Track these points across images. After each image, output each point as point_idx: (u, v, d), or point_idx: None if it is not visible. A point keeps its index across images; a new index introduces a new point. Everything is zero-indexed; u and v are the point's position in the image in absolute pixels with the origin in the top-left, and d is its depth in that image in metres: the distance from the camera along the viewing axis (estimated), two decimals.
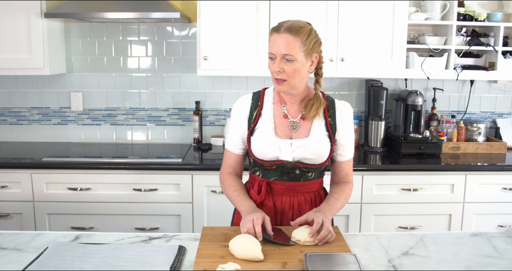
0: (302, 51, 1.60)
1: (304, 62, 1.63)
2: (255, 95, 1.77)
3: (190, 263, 1.40)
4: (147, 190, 2.67)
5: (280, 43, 1.59)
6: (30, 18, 2.78)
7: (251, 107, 1.75)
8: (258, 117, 1.73)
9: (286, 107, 1.74)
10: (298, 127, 1.72)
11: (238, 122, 1.76)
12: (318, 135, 1.71)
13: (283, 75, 1.62)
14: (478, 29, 3.07)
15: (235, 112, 1.78)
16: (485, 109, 3.32)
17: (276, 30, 1.62)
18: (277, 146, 1.68)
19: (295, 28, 1.60)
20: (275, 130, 1.70)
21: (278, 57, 1.60)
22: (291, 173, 1.72)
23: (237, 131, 1.76)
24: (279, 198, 1.73)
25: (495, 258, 1.45)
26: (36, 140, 3.28)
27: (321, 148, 1.70)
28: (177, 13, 2.67)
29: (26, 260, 1.40)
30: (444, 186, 2.72)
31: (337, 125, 1.75)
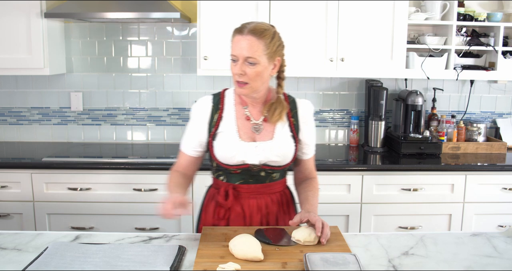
0: (265, 54, 1.58)
1: (266, 65, 1.60)
2: (215, 97, 1.74)
3: (190, 263, 1.40)
4: (147, 190, 2.67)
5: (243, 45, 1.57)
6: (30, 18, 2.78)
7: (212, 110, 1.70)
8: (220, 120, 1.69)
9: (248, 109, 1.71)
10: (261, 129, 1.69)
11: (197, 125, 1.71)
12: (282, 137, 1.69)
13: (245, 78, 1.59)
14: (478, 29, 3.07)
15: (194, 115, 1.73)
16: (485, 109, 3.32)
17: (239, 31, 1.60)
18: (242, 149, 1.65)
19: (259, 30, 1.58)
20: (238, 134, 1.67)
21: (240, 60, 1.57)
22: (256, 176, 1.70)
23: (195, 134, 1.72)
24: (246, 201, 1.71)
25: (495, 258, 1.45)
26: (36, 140, 3.28)
27: (286, 149, 1.69)
28: (177, 13, 2.67)
29: (26, 260, 1.40)
30: (444, 186, 2.72)
31: (300, 125, 1.74)
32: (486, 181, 2.73)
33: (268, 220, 1.74)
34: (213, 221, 1.74)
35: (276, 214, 1.75)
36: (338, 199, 2.69)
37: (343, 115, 3.29)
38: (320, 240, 1.52)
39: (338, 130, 3.31)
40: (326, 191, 2.69)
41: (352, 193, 2.69)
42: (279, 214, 1.75)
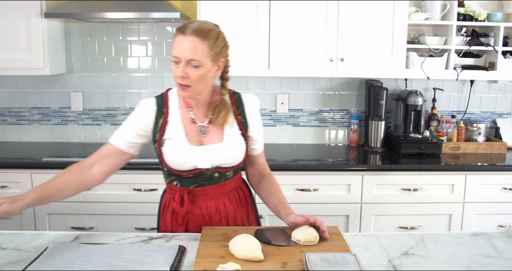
0: (209, 56, 1.51)
1: (210, 68, 1.54)
2: (159, 100, 1.66)
3: (190, 263, 1.40)
4: (147, 190, 2.67)
5: (186, 46, 1.48)
6: (30, 18, 2.78)
7: (156, 115, 1.63)
8: (165, 125, 1.62)
9: (192, 111, 1.65)
10: (208, 131, 1.64)
11: (138, 127, 1.63)
12: (232, 137, 1.65)
13: (188, 81, 1.51)
14: (478, 29, 3.07)
15: (137, 118, 1.64)
16: (485, 109, 3.32)
17: (181, 31, 1.50)
18: (192, 155, 1.60)
19: (203, 31, 1.50)
20: (187, 138, 1.62)
21: (183, 62, 1.49)
22: (210, 177, 1.66)
23: (133, 134, 1.63)
24: (204, 203, 1.68)
25: (495, 258, 1.45)
26: (36, 140, 3.28)
27: (237, 150, 1.66)
28: (177, 13, 2.67)
29: (26, 260, 1.40)
30: (444, 186, 2.72)
31: (248, 122, 1.70)
32: (486, 181, 2.73)
33: (228, 219, 1.71)
34: (171, 227, 1.71)
35: (235, 211, 1.73)
36: (338, 199, 2.69)
37: (343, 115, 3.29)
38: (324, 236, 1.53)
39: (338, 130, 3.31)
40: (326, 191, 2.69)
41: (352, 193, 2.69)
42: (237, 211, 1.74)
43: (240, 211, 1.75)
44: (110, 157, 1.64)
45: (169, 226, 1.72)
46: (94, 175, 1.63)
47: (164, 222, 1.75)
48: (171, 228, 1.72)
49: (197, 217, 1.68)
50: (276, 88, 3.23)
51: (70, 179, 1.58)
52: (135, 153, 1.68)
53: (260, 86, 3.22)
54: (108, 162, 1.64)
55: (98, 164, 1.64)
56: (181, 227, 1.69)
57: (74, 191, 1.59)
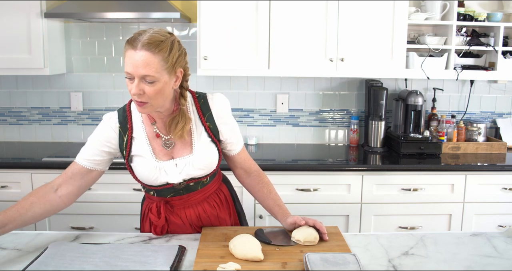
0: (164, 69, 1.40)
1: (167, 81, 1.43)
2: (120, 116, 1.58)
3: (190, 263, 1.40)
4: None
5: (138, 62, 1.37)
6: (30, 18, 2.78)
7: (120, 132, 1.56)
8: (130, 141, 1.56)
9: (156, 125, 1.57)
10: (173, 144, 1.57)
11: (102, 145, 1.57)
12: (201, 147, 1.57)
13: (144, 98, 1.42)
14: (478, 29, 3.07)
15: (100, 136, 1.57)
16: (485, 109, 3.32)
17: (131, 45, 1.39)
18: (162, 170, 1.54)
19: (154, 43, 1.38)
20: (154, 154, 1.55)
21: (136, 78, 1.39)
22: (186, 187, 1.61)
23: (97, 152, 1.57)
24: (183, 212, 1.63)
25: (495, 258, 1.45)
26: (36, 140, 3.28)
27: (209, 159, 1.59)
28: (177, 13, 2.67)
29: (26, 260, 1.40)
30: (444, 186, 2.72)
31: (218, 127, 1.61)
32: (486, 181, 2.73)
33: (211, 223, 1.69)
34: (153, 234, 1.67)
35: (217, 214, 1.69)
36: (338, 199, 2.69)
37: (343, 115, 3.29)
38: (323, 238, 1.53)
39: (338, 130, 3.31)
40: (326, 191, 2.69)
41: (352, 193, 2.69)
42: (219, 213, 1.70)
43: (223, 212, 1.71)
44: (77, 177, 1.57)
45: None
46: (61, 197, 1.55)
47: (144, 230, 1.72)
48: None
49: (178, 226, 1.65)
50: (276, 88, 3.23)
51: (33, 203, 1.49)
52: (104, 169, 1.62)
53: (260, 86, 3.22)
54: (74, 183, 1.56)
55: (64, 185, 1.56)
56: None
57: (38, 214, 1.50)
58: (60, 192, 1.55)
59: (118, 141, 1.57)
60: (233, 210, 1.79)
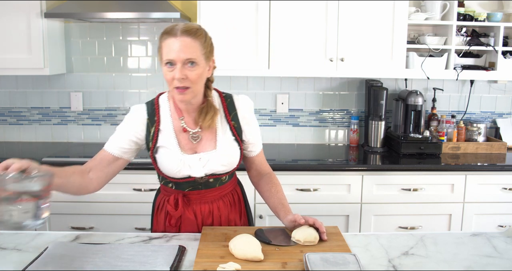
0: (202, 54, 1.50)
1: (204, 66, 1.52)
2: (149, 108, 1.64)
3: (190, 263, 1.40)
4: (147, 190, 2.67)
5: (180, 47, 1.45)
6: (30, 18, 2.78)
7: (148, 124, 1.62)
8: (157, 133, 1.61)
9: (184, 120, 1.62)
10: (200, 138, 1.62)
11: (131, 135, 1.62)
12: (225, 144, 1.62)
13: (187, 82, 1.48)
14: (478, 29, 3.07)
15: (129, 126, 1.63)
16: (485, 109, 3.32)
17: (171, 34, 1.47)
18: (186, 164, 1.59)
19: (192, 30, 1.48)
20: (180, 147, 1.60)
21: (179, 63, 1.46)
22: (205, 183, 1.66)
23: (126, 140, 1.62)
24: (198, 207, 1.67)
25: (495, 258, 1.45)
26: (36, 140, 3.28)
27: (231, 156, 1.63)
28: (177, 13, 2.67)
29: (26, 260, 1.40)
30: (444, 186, 2.72)
31: (242, 127, 1.67)
32: (486, 181, 2.73)
33: (221, 222, 1.71)
34: (164, 229, 1.71)
35: (228, 214, 1.72)
36: (338, 199, 2.69)
37: (343, 115, 3.29)
38: (322, 237, 1.53)
39: (338, 130, 3.31)
40: (326, 191, 2.69)
41: (352, 193, 2.69)
42: (230, 213, 1.73)
43: (233, 213, 1.75)
44: (104, 163, 1.62)
45: (162, 227, 1.72)
46: (92, 180, 1.61)
47: (157, 222, 1.74)
48: (163, 229, 1.72)
49: (190, 221, 1.67)
50: (276, 88, 3.23)
51: (74, 172, 1.55)
52: (130, 158, 1.66)
53: (260, 86, 3.22)
54: (103, 169, 1.62)
55: (94, 169, 1.61)
56: (173, 228, 1.69)
57: (75, 185, 1.55)
58: (91, 175, 1.61)
59: (145, 132, 1.62)
60: (244, 212, 1.81)
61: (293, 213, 1.62)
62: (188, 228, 1.68)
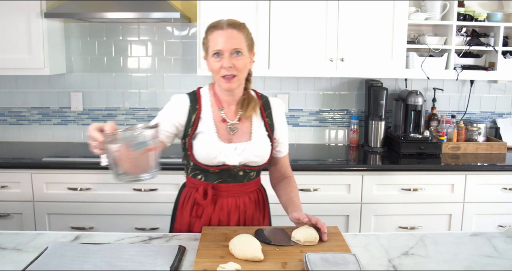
0: (246, 45, 1.63)
1: (248, 57, 1.65)
2: (191, 97, 1.72)
3: (190, 263, 1.40)
4: (147, 190, 2.67)
5: (227, 38, 1.58)
6: (30, 18, 2.78)
7: (189, 111, 1.69)
8: (198, 121, 1.69)
9: (224, 111, 1.71)
10: (237, 129, 1.70)
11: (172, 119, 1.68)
12: (259, 137, 1.71)
13: (234, 71, 1.59)
14: (478, 29, 3.07)
15: (171, 111, 1.70)
16: (485, 109, 3.32)
17: (217, 27, 1.61)
18: (222, 151, 1.65)
19: (237, 23, 1.62)
20: (217, 135, 1.67)
21: (226, 53, 1.58)
22: (235, 175, 1.70)
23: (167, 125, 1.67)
24: (225, 200, 1.71)
25: (495, 258, 1.45)
26: (36, 140, 3.28)
27: (264, 149, 1.71)
28: (177, 13, 2.67)
29: (26, 260, 1.40)
30: (444, 186, 2.72)
31: (274, 124, 1.76)
32: (486, 181, 2.73)
33: (245, 219, 1.74)
34: (189, 222, 1.73)
35: (253, 213, 1.76)
36: (338, 199, 2.69)
37: (343, 115, 3.29)
38: (323, 238, 1.53)
39: (338, 130, 3.31)
40: (326, 191, 2.69)
41: (352, 193, 2.69)
42: (255, 213, 1.77)
43: (258, 213, 1.78)
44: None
45: (186, 220, 1.74)
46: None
47: (182, 216, 1.76)
48: (188, 222, 1.73)
49: (216, 214, 1.70)
50: (276, 88, 3.23)
51: None
52: (168, 144, 1.73)
53: (260, 86, 3.21)
54: None
55: None
56: (198, 220, 1.71)
57: None
58: None
59: (186, 118, 1.69)
60: (267, 214, 1.85)
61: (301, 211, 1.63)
62: (214, 218, 1.70)
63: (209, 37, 1.62)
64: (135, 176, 1.34)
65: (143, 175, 1.34)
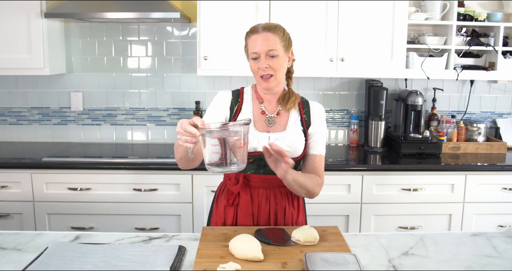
0: (282, 46, 1.70)
1: (284, 57, 1.71)
2: (234, 92, 1.83)
3: (190, 263, 1.40)
4: (147, 190, 2.67)
5: (262, 41, 1.67)
6: (30, 18, 2.78)
7: (232, 102, 1.80)
8: (239, 111, 1.79)
9: (263, 104, 1.80)
10: (274, 122, 1.78)
11: (219, 110, 1.78)
12: (294, 129, 1.77)
13: (270, 71, 1.69)
14: (478, 29, 3.07)
15: (217, 103, 1.81)
16: (485, 109, 3.32)
17: (254, 31, 1.71)
18: (255, 138, 1.73)
19: (272, 26, 1.71)
20: (254, 124, 1.76)
21: (262, 55, 1.68)
22: (267, 166, 1.68)
23: (217, 116, 1.77)
24: (256, 190, 1.76)
25: (495, 258, 1.46)
26: (36, 140, 3.28)
27: (296, 140, 1.75)
28: (177, 13, 2.67)
29: (26, 260, 1.40)
30: (444, 186, 2.72)
31: (311, 122, 1.81)
32: (486, 181, 2.73)
33: (277, 211, 1.76)
34: (224, 212, 1.77)
35: (285, 206, 1.77)
36: (338, 199, 2.69)
37: (343, 115, 3.29)
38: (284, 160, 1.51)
39: (338, 130, 3.31)
40: (326, 191, 2.67)
41: (352, 193, 2.69)
42: (287, 206, 1.78)
43: (290, 208, 1.78)
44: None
45: (222, 211, 1.78)
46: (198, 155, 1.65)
47: (217, 208, 1.81)
48: (223, 212, 1.77)
49: (247, 203, 1.74)
50: None
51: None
52: None
53: None
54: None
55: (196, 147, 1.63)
56: (231, 209, 1.75)
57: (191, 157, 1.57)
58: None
59: (229, 110, 1.79)
60: (302, 211, 1.85)
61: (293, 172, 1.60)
62: (245, 209, 1.74)
63: (247, 41, 1.73)
64: (229, 166, 1.44)
65: (234, 167, 1.45)
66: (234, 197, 1.76)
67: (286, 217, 1.77)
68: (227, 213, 1.77)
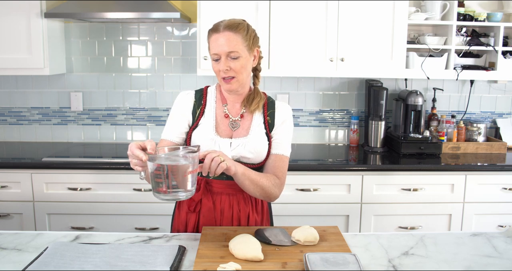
0: (245, 46, 1.63)
1: (248, 57, 1.65)
2: (197, 93, 1.77)
3: (190, 263, 1.40)
4: (147, 190, 2.67)
5: (223, 41, 1.61)
6: (30, 18, 2.78)
7: (194, 105, 1.74)
8: (201, 115, 1.74)
9: (227, 107, 1.75)
10: (238, 126, 1.73)
11: (181, 114, 1.73)
12: (256, 133, 1.71)
13: (231, 73, 1.63)
14: (478, 29, 3.07)
15: (179, 106, 1.75)
16: (485, 109, 3.32)
17: (215, 30, 1.64)
18: (216, 144, 1.68)
19: (234, 25, 1.63)
20: (216, 129, 1.71)
21: (223, 56, 1.62)
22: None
23: (180, 122, 1.72)
24: (219, 197, 1.71)
25: (495, 258, 1.45)
26: (36, 140, 3.28)
27: (259, 146, 1.70)
28: (177, 13, 2.67)
29: (26, 260, 1.40)
30: (444, 186, 2.72)
31: (275, 124, 1.75)
32: (486, 181, 2.73)
33: (240, 218, 1.72)
34: (186, 218, 1.73)
35: (248, 212, 1.73)
36: (338, 199, 2.69)
37: (343, 115, 3.29)
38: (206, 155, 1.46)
39: (338, 130, 3.31)
40: (326, 191, 2.69)
41: (352, 193, 2.69)
42: (251, 213, 1.73)
43: (254, 214, 1.75)
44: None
45: (183, 217, 1.74)
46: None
47: (179, 214, 1.76)
48: (185, 218, 1.73)
49: (209, 209, 1.70)
50: (276, 88, 3.23)
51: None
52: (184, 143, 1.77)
53: (260, 86, 3.20)
54: None
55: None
56: (193, 215, 1.71)
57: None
58: None
59: (191, 113, 1.74)
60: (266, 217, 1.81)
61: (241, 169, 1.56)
62: (207, 215, 1.69)
63: (209, 40, 1.66)
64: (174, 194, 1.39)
65: (181, 195, 1.40)
66: (195, 203, 1.70)
67: (250, 223, 1.73)
68: (189, 219, 1.72)
